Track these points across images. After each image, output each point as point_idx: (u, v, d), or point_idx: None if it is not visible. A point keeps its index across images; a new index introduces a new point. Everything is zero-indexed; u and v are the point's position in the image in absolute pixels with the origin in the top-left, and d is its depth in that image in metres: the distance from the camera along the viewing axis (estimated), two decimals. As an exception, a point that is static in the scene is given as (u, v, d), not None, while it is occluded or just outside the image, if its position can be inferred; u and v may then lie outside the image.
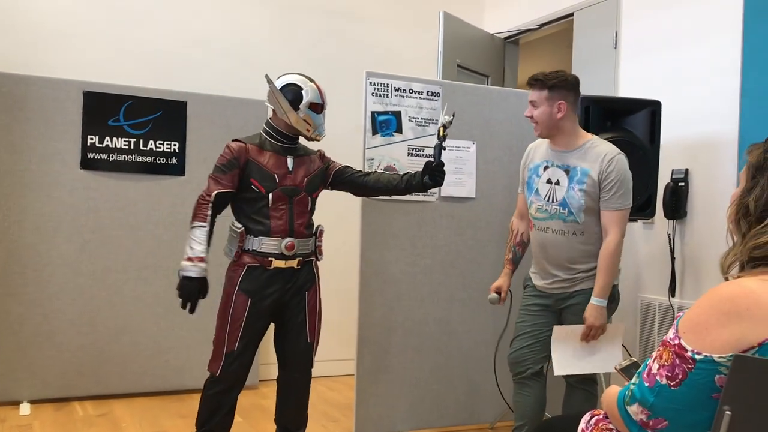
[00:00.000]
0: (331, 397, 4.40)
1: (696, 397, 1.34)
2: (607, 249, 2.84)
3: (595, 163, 2.83)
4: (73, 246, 4.07)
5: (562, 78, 2.88)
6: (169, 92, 4.30)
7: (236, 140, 2.87)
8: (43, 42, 4.27)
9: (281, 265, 2.83)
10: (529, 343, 3.01)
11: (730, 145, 3.44)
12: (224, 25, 4.72)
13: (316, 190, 2.98)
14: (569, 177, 2.88)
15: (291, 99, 2.85)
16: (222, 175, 2.80)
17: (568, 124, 2.90)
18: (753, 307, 1.29)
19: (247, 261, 2.81)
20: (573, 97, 2.90)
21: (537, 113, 2.88)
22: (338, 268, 4.92)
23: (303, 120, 2.86)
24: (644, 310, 3.88)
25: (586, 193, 2.83)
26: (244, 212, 2.85)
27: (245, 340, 2.80)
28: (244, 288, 2.80)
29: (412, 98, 3.59)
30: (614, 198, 2.82)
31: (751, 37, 3.35)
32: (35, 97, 3.99)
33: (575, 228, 2.88)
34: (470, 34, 4.92)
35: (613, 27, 4.20)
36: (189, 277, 2.74)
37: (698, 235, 3.62)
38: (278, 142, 2.91)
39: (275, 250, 2.82)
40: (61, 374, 4.03)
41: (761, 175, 1.43)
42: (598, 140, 2.94)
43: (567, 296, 2.95)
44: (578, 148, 2.90)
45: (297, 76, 2.91)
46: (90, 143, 4.10)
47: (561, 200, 2.89)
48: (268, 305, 2.84)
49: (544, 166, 2.97)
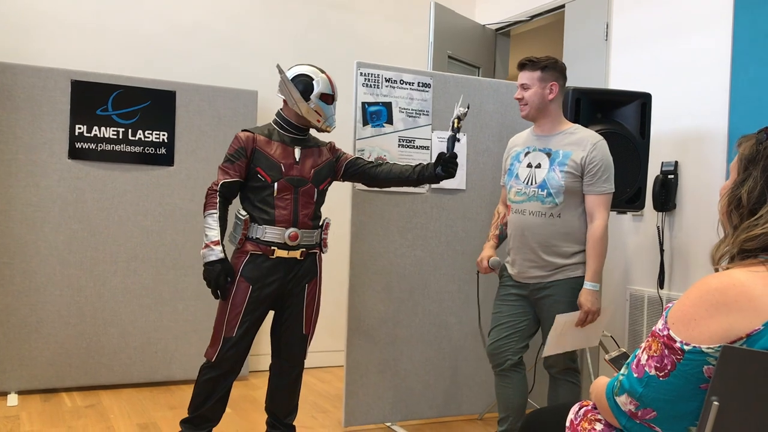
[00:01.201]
0: (321, 388, 4.40)
1: (684, 387, 1.34)
2: (595, 233, 2.86)
3: (579, 147, 2.86)
4: (61, 236, 4.04)
5: (554, 60, 2.93)
6: (159, 81, 4.27)
7: (245, 130, 2.91)
8: (31, 30, 4.22)
9: (284, 254, 2.87)
10: (506, 334, 3.01)
11: (719, 137, 3.45)
12: (214, 14, 4.69)
13: (324, 182, 3.00)
14: (551, 159, 2.90)
15: (302, 90, 2.87)
16: (230, 165, 2.85)
17: (554, 108, 2.94)
18: (741, 298, 1.29)
19: (250, 249, 2.85)
20: (562, 81, 2.95)
21: (528, 94, 2.91)
22: (328, 260, 4.92)
23: (314, 111, 2.89)
24: (633, 302, 3.90)
25: (567, 174, 2.85)
26: (249, 200, 2.89)
27: (244, 327, 2.83)
28: (246, 275, 2.83)
29: (403, 89, 3.57)
30: (599, 182, 2.86)
31: (742, 30, 3.36)
32: (23, 86, 3.95)
33: (553, 210, 2.88)
34: (461, 25, 4.91)
35: (604, 19, 4.20)
36: (210, 262, 2.78)
37: (687, 227, 3.64)
38: (287, 133, 2.94)
39: (278, 239, 2.85)
40: (49, 365, 4.01)
41: (754, 167, 1.43)
42: (580, 127, 2.98)
43: (542, 287, 2.94)
44: (560, 132, 2.94)
45: (308, 67, 2.94)
46: (78, 133, 4.07)
47: (540, 182, 2.91)
48: (269, 294, 2.87)
49: (525, 151, 3.01)
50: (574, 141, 2.89)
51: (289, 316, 2.96)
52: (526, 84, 2.92)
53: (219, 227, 2.82)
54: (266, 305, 2.90)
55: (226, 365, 2.84)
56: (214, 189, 2.85)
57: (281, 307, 2.97)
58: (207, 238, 2.80)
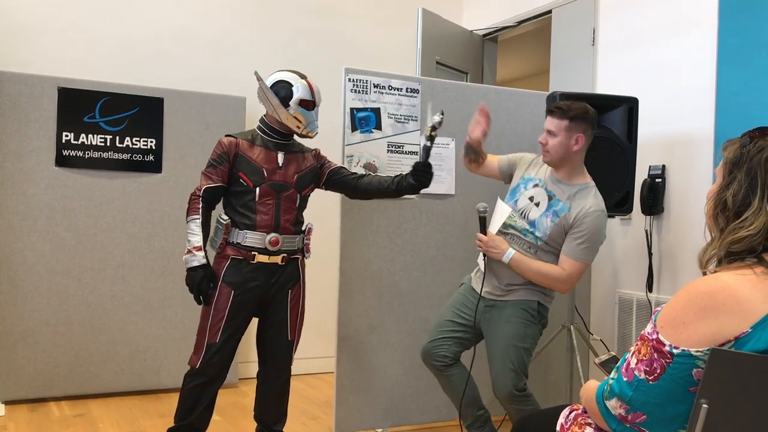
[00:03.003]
0: (311, 395, 4.39)
1: (674, 390, 1.35)
2: (556, 271, 2.80)
3: (577, 208, 2.79)
4: (48, 245, 4.01)
5: (584, 110, 2.81)
6: (146, 88, 4.25)
7: (229, 135, 2.91)
8: (18, 37, 4.20)
9: (264, 260, 2.86)
10: (447, 336, 3.00)
11: (706, 141, 3.48)
12: (202, 20, 4.68)
13: (307, 188, 2.99)
14: (549, 204, 2.84)
15: (281, 96, 2.87)
16: (212, 170, 2.85)
17: (577, 158, 2.86)
18: (730, 301, 1.30)
19: (230, 253, 2.84)
20: (591, 131, 2.84)
21: (553, 143, 2.80)
22: (318, 266, 4.90)
23: (293, 117, 2.87)
24: (622, 305, 3.91)
25: (556, 226, 2.81)
26: (231, 205, 2.89)
27: (227, 333, 2.81)
28: (228, 280, 2.82)
29: (392, 95, 3.58)
30: (578, 249, 2.78)
31: (727, 34, 3.39)
32: (9, 94, 3.92)
33: (531, 248, 2.86)
34: (449, 31, 4.92)
35: (591, 24, 4.23)
36: (193, 268, 2.77)
37: (675, 230, 3.66)
38: (270, 138, 2.94)
39: (259, 244, 2.84)
40: (36, 374, 3.98)
41: (738, 170, 1.44)
42: (594, 190, 2.87)
43: (494, 304, 2.92)
44: (573, 185, 2.85)
45: (288, 73, 2.93)
46: (65, 140, 4.05)
47: (532, 221, 2.87)
48: (251, 299, 2.86)
49: (534, 183, 2.93)
50: (578, 200, 2.81)
51: (274, 322, 2.95)
52: (552, 131, 2.80)
53: (201, 233, 2.81)
54: (249, 310, 2.89)
55: (210, 372, 2.82)
56: (197, 194, 2.84)
57: (264, 313, 2.96)
58: (189, 243, 2.80)
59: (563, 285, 2.83)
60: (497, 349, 2.85)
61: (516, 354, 2.82)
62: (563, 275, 2.79)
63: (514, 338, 2.83)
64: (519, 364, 2.82)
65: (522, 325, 2.85)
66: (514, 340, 2.83)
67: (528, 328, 2.86)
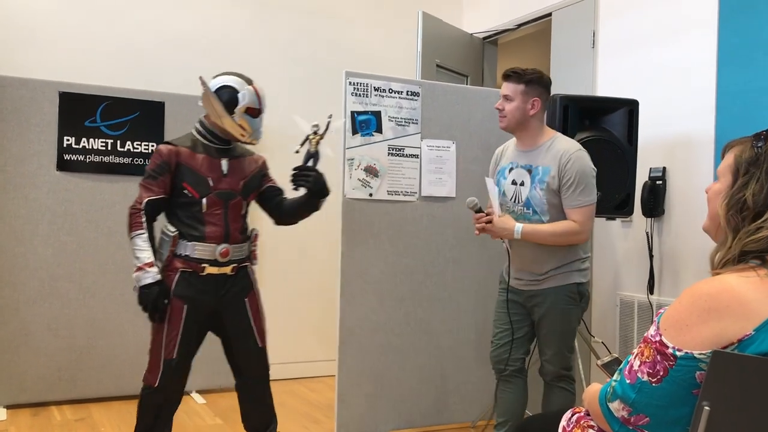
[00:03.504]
0: (313, 398, 4.39)
1: (677, 393, 1.35)
2: (567, 225, 2.82)
3: (554, 160, 2.83)
4: (49, 249, 4.01)
5: (539, 75, 2.89)
6: (147, 92, 4.26)
7: (166, 143, 2.75)
8: (19, 42, 4.20)
9: (214, 271, 2.73)
10: (506, 341, 3.03)
11: (706, 142, 3.48)
12: (202, 24, 4.69)
13: (252, 194, 2.88)
14: (531, 176, 2.88)
15: (226, 102, 2.71)
16: (152, 181, 2.69)
17: (535, 123, 2.91)
18: (733, 303, 1.30)
19: (179, 266, 2.70)
20: (546, 96, 2.93)
21: (509, 107, 2.87)
22: (319, 269, 4.91)
23: (238, 125, 2.72)
24: (623, 308, 3.91)
25: (547, 191, 2.83)
26: (177, 217, 2.74)
27: (184, 348, 2.69)
28: (179, 294, 2.68)
29: (392, 98, 3.58)
30: (574, 195, 2.80)
31: (727, 35, 3.40)
32: (11, 98, 3.93)
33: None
34: (449, 34, 4.93)
35: (591, 26, 4.23)
36: (146, 285, 2.63)
37: (676, 232, 3.66)
38: (212, 144, 2.78)
39: (209, 256, 2.71)
40: (38, 378, 3.98)
41: (757, 169, 1.42)
42: (560, 137, 2.93)
43: (535, 294, 2.95)
44: (540, 146, 2.90)
45: (234, 78, 2.76)
46: (66, 144, 4.05)
47: (525, 201, 2.90)
48: (203, 311, 2.74)
49: (510, 168, 2.99)
50: (552, 155, 2.85)
51: (237, 332, 2.82)
52: (508, 96, 2.88)
53: (150, 247, 2.66)
54: (202, 324, 2.77)
55: (169, 389, 2.70)
56: (138, 208, 2.68)
57: (221, 326, 2.82)
58: (139, 260, 2.64)
59: (580, 235, 2.84)
60: (545, 337, 2.94)
61: (563, 340, 2.92)
62: (576, 226, 2.81)
63: (561, 324, 2.91)
64: (567, 347, 2.94)
65: (566, 311, 2.90)
66: (561, 325, 2.91)
67: (572, 312, 2.92)
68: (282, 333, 4.88)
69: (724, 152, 1.52)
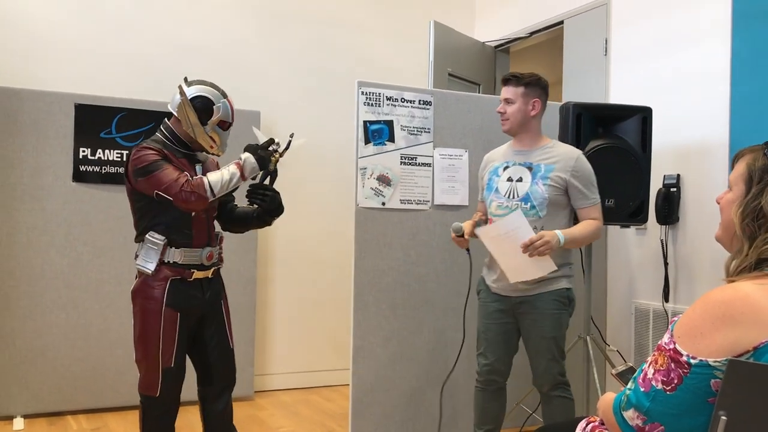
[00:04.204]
0: (327, 407, 4.39)
1: (692, 401, 1.34)
2: (592, 223, 2.91)
3: (562, 161, 2.90)
4: (66, 259, 4.05)
5: (537, 77, 2.98)
6: (162, 103, 4.28)
7: (148, 146, 2.67)
8: (35, 55, 4.26)
9: (200, 275, 2.72)
10: (499, 355, 3.02)
11: (721, 149, 3.46)
12: (215, 35, 4.73)
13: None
14: (533, 173, 2.93)
15: (200, 112, 2.70)
16: (169, 163, 2.61)
17: (535, 124, 2.99)
18: (748, 311, 1.29)
19: (169, 274, 2.67)
20: (545, 97, 2.99)
21: (511, 109, 2.95)
22: (332, 278, 4.92)
23: (209, 137, 2.72)
24: (638, 316, 3.89)
25: (551, 187, 2.88)
26: (164, 222, 2.68)
27: (180, 355, 2.68)
28: (171, 303, 2.65)
29: (404, 107, 3.59)
30: (589, 194, 2.92)
31: (740, 42, 3.38)
32: (27, 111, 3.98)
33: (536, 223, 2.87)
34: (461, 43, 4.94)
35: (603, 34, 4.23)
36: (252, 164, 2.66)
37: (691, 240, 3.64)
38: (182, 150, 2.75)
39: (196, 261, 2.70)
40: (54, 388, 4.01)
41: None
42: (558, 142, 3.04)
43: (524, 300, 2.92)
44: (541, 148, 2.97)
45: (211, 90, 2.75)
46: (82, 155, 4.09)
47: (523, 195, 2.92)
48: (194, 317, 2.74)
49: (504, 166, 3.02)
50: (556, 155, 2.93)
51: (215, 335, 2.80)
52: (509, 99, 2.96)
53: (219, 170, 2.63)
54: (191, 328, 2.76)
55: (170, 398, 2.69)
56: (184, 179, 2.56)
57: (200, 329, 2.79)
58: (233, 176, 2.61)
59: (600, 231, 2.99)
60: (537, 344, 2.92)
61: (555, 344, 2.91)
62: (599, 223, 2.94)
63: (551, 330, 2.90)
64: (559, 352, 2.93)
65: (557, 316, 2.92)
66: (552, 331, 2.90)
67: (562, 317, 2.93)
68: (296, 342, 4.90)
69: (735, 161, 1.52)
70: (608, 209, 3.33)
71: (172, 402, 2.72)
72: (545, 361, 2.90)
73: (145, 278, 2.69)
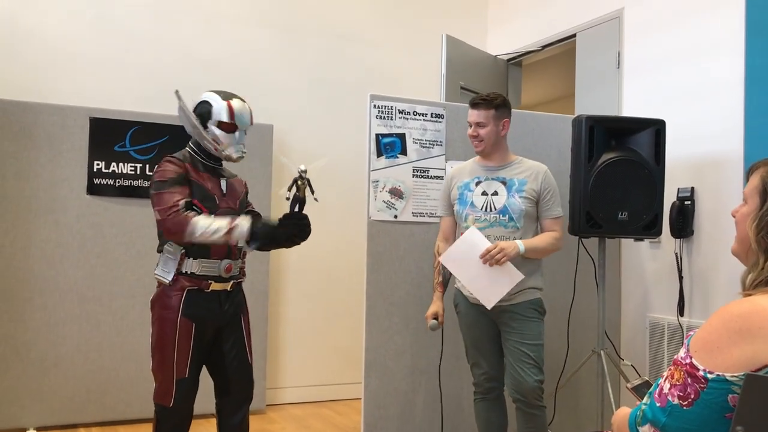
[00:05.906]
0: (339, 422, 4.37)
1: (709, 416, 1.32)
2: (551, 235, 3.00)
3: (531, 176, 3.02)
4: (80, 272, 4.07)
5: (503, 98, 3.08)
6: (176, 117, 4.29)
7: (171, 159, 2.71)
8: (50, 69, 4.31)
9: (218, 287, 2.72)
10: (493, 362, 3.06)
11: (735, 162, 3.44)
12: (229, 49, 4.76)
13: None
14: (507, 187, 3.02)
15: (200, 116, 2.75)
16: (178, 187, 2.62)
17: (504, 142, 3.09)
18: (765, 325, 1.28)
19: (186, 285, 2.67)
20: (509, 116, 3.10)
21: (484, 132, 3.02)
22: (344, 291, 4.92)
23: (211, 139, 2.74)
24: (653, 330, 3.85)
25: (526, 199, 2.98)
26: None
27: (194, 367, 2.69)
28: (187, 313, 2.66)
29: (416, 120, 3.60)
30: (554, 207, 3.03)
31: (754, 55, 3.37)
32: (43, 124, 4.02)
33: (515, 234, 2.97)
34: (473, 56, 4.95)
35: (616, 47, 4.22)
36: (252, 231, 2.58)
37: (705, 253, 3.61)
38: (207, 162, 2.79)
39: (214, 272, 2.70)
40: (67, 400, 4.02)
41: None
42: (524, 158, 3.13)
43: (505, 309, 2.96)
44: (510, 163, 3.08)
45: (211, 94, 2.80)
46: (96, 169, 4.13)
47: (501, 208, 2.99)
48: (211, 329, 2.74)
49: (476, 181, 3.08)
50: (526, 170, 3.05)
51: (233, 348, 2.80)
52: (481, 122, 3.03)
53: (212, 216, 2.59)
54: (208, 341, 2.76)
55: (184, 409, 2.69)
56: (176, 209, 2.54)
57: (219, 342, 2.79)
58: (220, 230, 2.53)
59: (561, 242, 3.07)
60: (518, 350, 2.95)
61: (535, 350, 2.95)
62: (559, 234, 3.04)
63: (531, 337, 2.95)
64: (539, 359, 2.96)
65: (535, 323, 2.97)
66: (531, 338, 2.95)
67: (539, 325, 2.99)
68: (308, 355, 4.89)
69: (750, 174, 1.51)
70: (622, 222, 3.32)
71: (184, 415, 2.72)
72: (524, 366, 2.92)
73: (163, 288, 2.70)
